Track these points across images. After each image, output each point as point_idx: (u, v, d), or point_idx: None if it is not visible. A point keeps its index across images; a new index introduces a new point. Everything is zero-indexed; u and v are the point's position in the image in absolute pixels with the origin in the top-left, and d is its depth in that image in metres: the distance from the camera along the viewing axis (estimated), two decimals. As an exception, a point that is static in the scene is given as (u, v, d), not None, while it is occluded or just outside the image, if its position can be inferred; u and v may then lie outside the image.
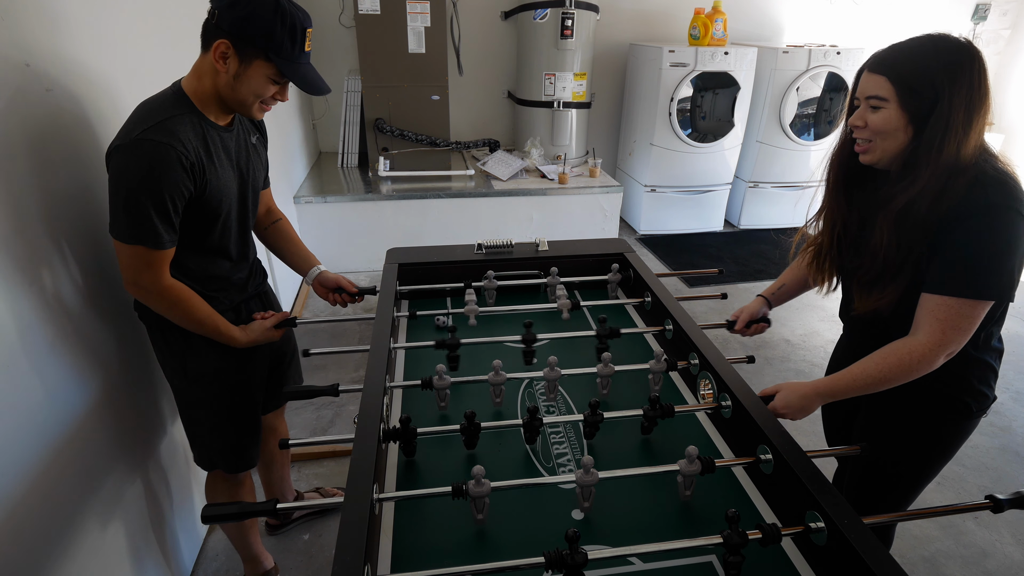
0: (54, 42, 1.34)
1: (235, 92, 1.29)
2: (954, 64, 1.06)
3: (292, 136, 3.85)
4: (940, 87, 1.06)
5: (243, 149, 1.44)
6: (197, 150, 1.26)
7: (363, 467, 1.01)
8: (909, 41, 1.12)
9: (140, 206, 1.20)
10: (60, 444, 1.28)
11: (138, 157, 1.18)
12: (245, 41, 1.22)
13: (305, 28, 1.27)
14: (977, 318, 1.11)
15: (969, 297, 1.09)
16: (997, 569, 2.00)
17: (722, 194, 4.79)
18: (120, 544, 1.50)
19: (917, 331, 1.15)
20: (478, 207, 4.01)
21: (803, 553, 1.01)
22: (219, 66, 1.25)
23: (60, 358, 1.30)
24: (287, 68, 1.27)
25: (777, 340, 3.31)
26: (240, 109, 1.34)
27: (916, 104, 1.09)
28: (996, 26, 5.31)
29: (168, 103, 1.27)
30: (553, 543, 0.90)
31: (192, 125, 1.27)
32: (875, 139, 1.15)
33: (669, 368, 1.42)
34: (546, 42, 4.23)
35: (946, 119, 1.06)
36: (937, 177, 1.08)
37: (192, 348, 1.44)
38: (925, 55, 1.09)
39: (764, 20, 4.99)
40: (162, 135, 1.20)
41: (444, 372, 1.31)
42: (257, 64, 1.25)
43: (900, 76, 1.09)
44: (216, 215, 1.36)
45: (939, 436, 1.31)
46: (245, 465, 1.63)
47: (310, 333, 3.22)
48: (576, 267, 1.89)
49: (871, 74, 1.14)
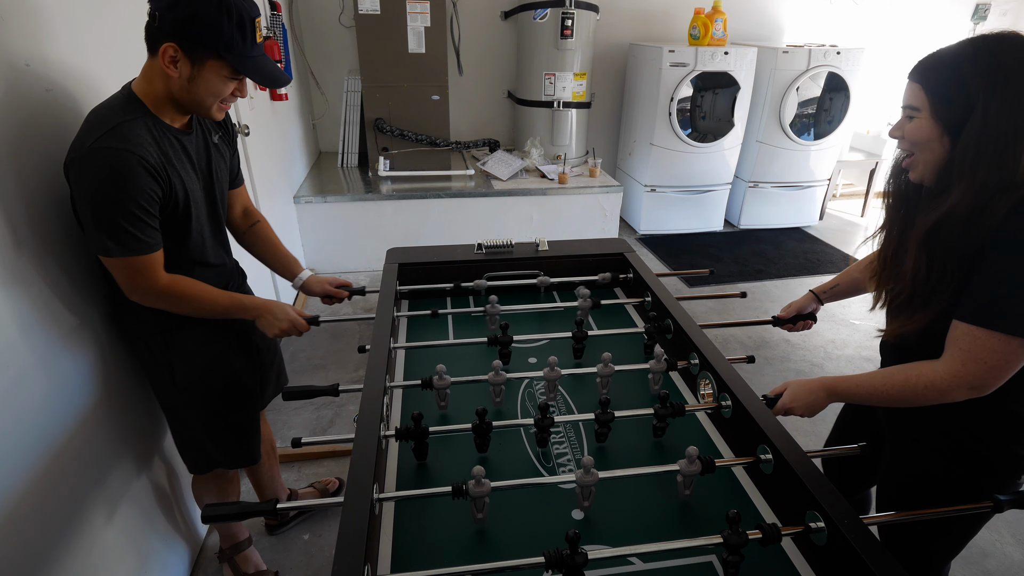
0: (54, 43, 1.34)
1: (191, 95, 1.23)
2: (995, 68, 0.95)
3: (292, 136, 3.85)
4: (975, 94, 0.96)
5: (203, 151, 1.39)
6: (155, 153, 1.21)
7: (363, 467, 1.01)
8: (952, 45, 1.02)
9: (111, 216, 1.15)
10: (63, 442, 1.29)
11: (97, 167, 1.13)
12: (193, 42, 1.16)
13: (253, 18, 1.20)
14: (1009, 357, 0.99)
15: (1000, 331, 0.97)
16: (997, 569, 2.00)
17: (722, 194, 4.79)
18: (121, 542, 1.51)
19: (942, 356, 1.06)
20: (478, 207, 4.01)
21: (803, 553, 1.01)
22: (170, 71, 1.18)
23: (61, 358, 1.30)
24: (242, 64, 1.21)
25: (777, 340, 3.31)
26: (198, 111, 1.28)
27: (950, 113, 1.00)
28: (996, 26, 5.31)
29: (119, 107, 1.20)
30: (553, 543, 0.90)
31: (148, 129, 1.21)
32: (915, 152, 1.08)
33: (669, 368, 1.42)
34: (546, 42, 4.23)
35: (980, 129, 0.96)
36: (972, 194, 0.97)
37: (177, 353, 1.42)
38: (961, 60, 0.99)
39: (764, 20, 4.99)
40: (117, 141, 1.14)
41: (444, 372, 1.31)
42: (210, 64, 1.19)
43: (932, 83, 1.02)
44: (186, 220, 1.32)
45: (971, 493, 1.15)
46: (251, 460, 1.62)
47: (309, 333, 3.22)
48: (576, 267, 1.88)
49: (910, 82, 1.06)
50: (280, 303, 1.48)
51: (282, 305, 1.48)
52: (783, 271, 4.23)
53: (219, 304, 1.37)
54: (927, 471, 1.21)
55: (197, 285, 1.33)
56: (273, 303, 1.47)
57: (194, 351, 1.44)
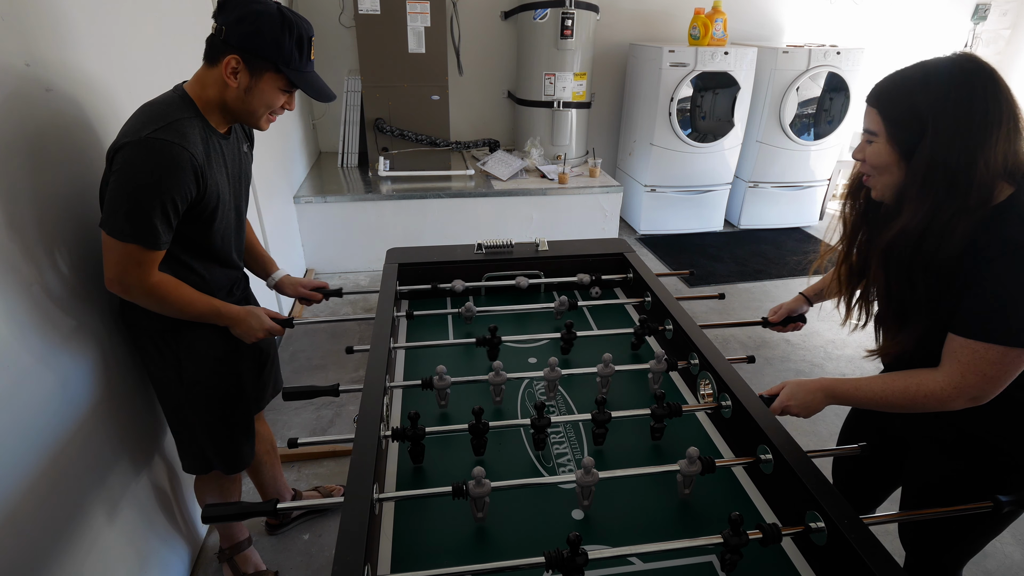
0: (54, 43, 1.34)
1: (246, 104, 1.31)
2: (944, 92, 0.97)
3: (292, 136, 3.85)
4: (926, 119, 0.98)
5: (236, 157, 1.46)
6: (202, 154, 1.27)
7: (363, 467, 1.01)
8: (905, 69, 1.05)
9: (144, 205, 1.19)
10: (63, 442, 1.29)
11: (149, 155, 1.18)
12: (255, 55, 1.25)
13: (310, 37, 1.31)
14: (1007, 367, 1.00)
15: (994, 343, 0.98)
16: (997, 569, 2.00)
17: (722, 194, 4.79)
18: (121, 542, 1.50)
19: (940, 367, 1.07)
20: (478, 207, 4.01)
21: (803, 553, 1.01)
22: (230, 81, 1.27)
23: (61, 358, 1.30)
24: (297, 78, 1.30)
25: (777, 340, 3.31)
26: (249, 120, 1.36)
27: (905, 138, 1.02)
28: (996, 26, 5.31)
29: (176, 105, 1.27)
30: (553, 543, 0.90)
31: (198, 129, 1.28)
32: (874, 173, 1.10)
33: (669, 368, 1.42)
34: (546, 42, 4.23)
35: (930, 154, 0.98)
36: (922, 216, 1.00)
37: (186, 351, 1.43)
38: (912, 85, 1.01)
39: (764, 20, 4.99)
40: (174, 136, 1.20)
41: (444, 372, 1.31)
42: (268, 76, 1.28)
43: (887, 108, 1.04)
44: (212, 219, 1.36)
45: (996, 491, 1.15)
46: (243, 464, 1.64)
47: (309, 333, 3.22)
48: (576, 267, 1.88)
49: (868, 106, 1.08)
50: (255, 310, 1.49)
51: (257, 313, 1.49)
52: (783, 271, 4.23)
53: (196, 308, 1.37)
54: (950, 472, 1.21)
55: (181, 287, 1.34)
56: (248, 311, 1.47)
57: (203, 349, 1.45)
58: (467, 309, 1.64)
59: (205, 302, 1.38)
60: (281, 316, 1.55)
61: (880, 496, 1.49)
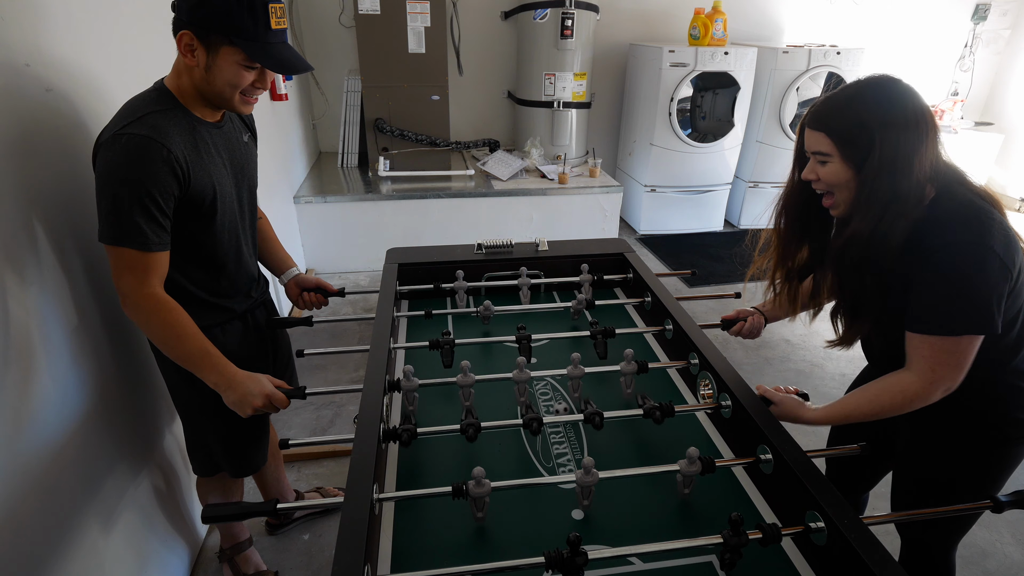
0: (54, 43, 1.34)
1: (211, 85, 1.22)
2: (883, 105, 1.06)
3: (292, 136, 3.85)
4: (873, 132, 1.06)
5: (237, 147, 1.40)
6: (182, 145, 1.21)
7: (363, 467, 1.01)
8: (841, 91, 1.12)
9: (123, 203, 1.14)
10: (62, 443, 1.29)
11: (119, 152, 1.14)
12: (205, 28, 1.15)
13: (266, 3, 1.16)
14: (964, 352, 1.09)
15: (947, 335, 1.07)
16: (997, 569, 2.00)
17: (722, 194, 4.79)
18: (121, 542, 1.50)
19: (909, 366, 1.14)
20: (478, 207, 4.01)
21: (803, 553, 1.01)
22: (188, 60, 1.19)
23: (61, 358, 1.30)
24: (253, 49, 1.17)
25: (777, 340, 3.31)
26: (221, 103, 1.27)
27: (857, 154, 1.08)
28: (996, 26, 5.31)
29: (150, 100, 1.22)
30: (553, 543, 0.90)
31: (177, 120, 1.22)
32: (834, 191, 1.16)
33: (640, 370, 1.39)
34: (546, 42, 4.23)
35: (877, 163, 1.06)
36: (870, 221, 1.08)
37: None
38: (855, 102, 1.09)
39: (764, 20, 4.99)
40: (145, 129, 1.15)
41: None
42: (224, 51, 1.17)
43: (836, 130, 1.10)
44: (213, 213, 1.30)
45: (987, 463, 1.25)
46: (253, 469, 1.61)
47: (309, 334, 3.22)
48: (576, 267, 1.88)
49: (810, 130, 1.14)
50: (256, 376, 1.28)
51: (258, 379, 1.27)
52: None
53: (188, 345, 1.23)
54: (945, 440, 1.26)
55: (179, 313, 1.23)
56: (249, 377, 1.26)
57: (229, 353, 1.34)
58: (486, 308, 1.63)
59: (201, 349, 1.24)
60: (288, 387, 1.31)
61: (872, 479, 1.55)
